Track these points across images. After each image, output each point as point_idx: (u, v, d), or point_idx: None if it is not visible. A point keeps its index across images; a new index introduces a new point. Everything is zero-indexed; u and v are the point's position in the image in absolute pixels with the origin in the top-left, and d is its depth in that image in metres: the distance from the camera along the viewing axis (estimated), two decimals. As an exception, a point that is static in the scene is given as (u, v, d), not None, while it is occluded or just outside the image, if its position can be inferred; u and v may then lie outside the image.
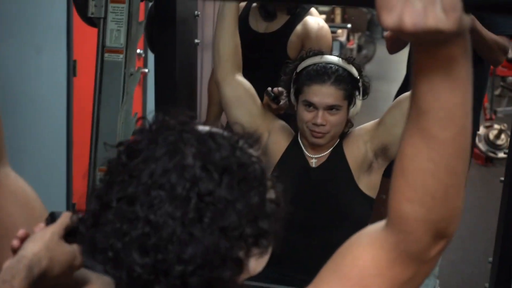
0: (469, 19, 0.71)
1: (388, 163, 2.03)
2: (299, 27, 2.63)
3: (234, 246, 0.77)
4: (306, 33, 2.60)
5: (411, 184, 0.79)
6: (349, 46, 8.46)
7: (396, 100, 2.02)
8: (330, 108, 1.95)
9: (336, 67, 1.96)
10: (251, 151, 0.83)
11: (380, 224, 0.85)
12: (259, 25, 2.72)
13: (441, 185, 0.78)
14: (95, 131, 2.14)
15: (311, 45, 2.37)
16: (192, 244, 0.75)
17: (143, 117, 0.85)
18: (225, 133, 0.83)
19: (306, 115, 1.97)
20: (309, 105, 1.95)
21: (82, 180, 2.89)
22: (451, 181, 0.78)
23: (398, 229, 0.81)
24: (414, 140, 0.78)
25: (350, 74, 1.97)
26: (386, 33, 3.39)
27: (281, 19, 2.67)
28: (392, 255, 0.82)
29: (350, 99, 1.97)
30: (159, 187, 0.76)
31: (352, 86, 1.97)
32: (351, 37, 8.97)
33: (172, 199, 0.76)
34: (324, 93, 1.93)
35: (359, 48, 9.72)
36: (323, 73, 1.94)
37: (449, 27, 0.69)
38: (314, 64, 1.97)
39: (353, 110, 2.00)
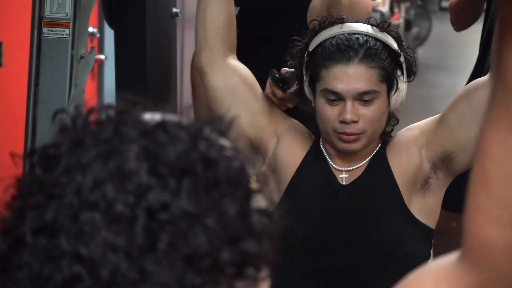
0: None
1: (451, 181, 2.01)
2: (324, -12, 2.66)
3: (206, 281, 0.76)
4: None
5: (498, 199, 0.80)
6: (393, 21, 8.52)
7: (463, 90, 2.00)
8: (362, 96, 1.91)
9: (365, 37, 1.94)
10: (222, 141, 0.83)
11: (450, 258, 0.86)
12: None
13: None
14: (29, 140, 2.13)
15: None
16: (144, 283, 0.75)
17: (62, 110, 0.85)
18: (184, 121, 0.83)
19: (328, 110, 1.93)
20: (332, 95, 1.92)
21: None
22: None
23: (480, 263, 0.82)
24: (502, 134, 0.79)
25: (385, 45, 1.95)
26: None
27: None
28: None
29: (389, 82, 1.94)
30: (90, 207, 0.76)
31: (390, 62, 1.94)
32: (395, 9, 9.03)
33: (109, 222, 0.75)
34: (351, 76, 1.90)
35: (408, 24, 9.78)
36: (347, 48, 1.91)
37: None
38: (333, 37, 1.95)
39: (395, 98, 1.97)
